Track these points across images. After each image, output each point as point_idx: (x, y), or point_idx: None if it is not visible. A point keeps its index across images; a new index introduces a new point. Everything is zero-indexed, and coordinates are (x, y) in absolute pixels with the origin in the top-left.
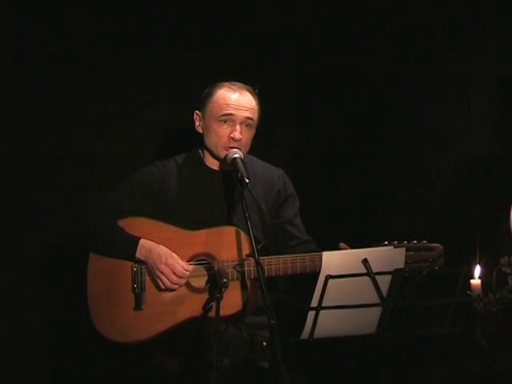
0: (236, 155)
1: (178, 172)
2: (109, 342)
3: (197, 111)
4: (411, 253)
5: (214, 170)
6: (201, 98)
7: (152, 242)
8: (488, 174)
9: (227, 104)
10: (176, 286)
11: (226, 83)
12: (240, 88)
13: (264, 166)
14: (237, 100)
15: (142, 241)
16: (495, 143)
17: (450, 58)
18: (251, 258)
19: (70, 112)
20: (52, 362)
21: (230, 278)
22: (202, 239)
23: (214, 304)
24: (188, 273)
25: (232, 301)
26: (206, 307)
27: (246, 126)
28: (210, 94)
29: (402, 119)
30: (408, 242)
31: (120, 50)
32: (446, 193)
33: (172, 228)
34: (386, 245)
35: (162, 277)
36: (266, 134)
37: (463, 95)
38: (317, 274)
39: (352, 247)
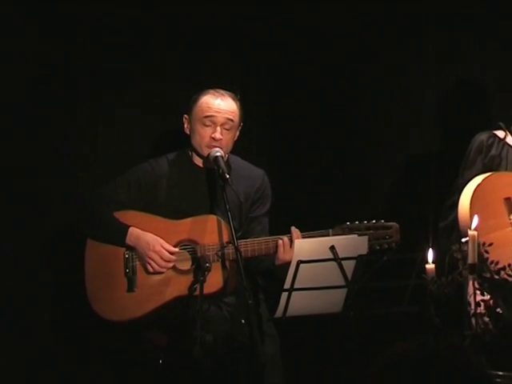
0: (217, 154)
1: (169, 168)
2: (105, 321)
3: (185, 115)
4: (371, 231)
5: (200, 168)
6: (189, 103)
7: (140, 231)
8: (439, 169)
9: (209, 108)
10: (164, 270)
11: (211, 90)
12: (222, 94)
13: (247, 166)
14: (218, 104)
15: (131, 229)
16: (444, 141)
17: (403, 62)
18: (230, 243)
19: (73, 112)
20: (53, 338)
21: (211, 260)
22: (186, 227)
23: (198, 285)
24: (174, 257)
25: (214, 280)
26: (191, 288)
27: (226, 127)
28: (195, 100)
29: (364, 119)
30: (367, 221)
31: (120, 54)
32: (403, 185)
33: (160, 219)
34: (348, 225)
35: (151, 262)
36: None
37: (415, 97)
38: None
39: (323, 228)
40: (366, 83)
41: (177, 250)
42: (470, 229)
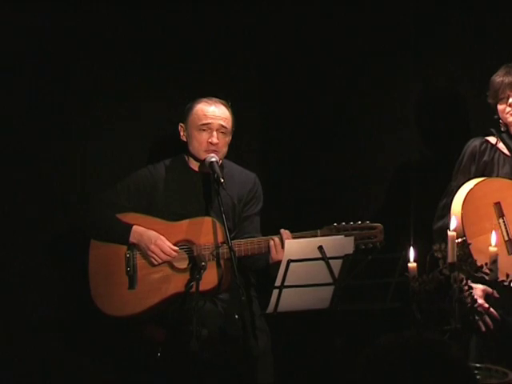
0: (213, 159)
1: (166, 173)
2: (107, 317)
3: (181, 124)
4: (357, 231)
5: (196, 172)
6: (183, 111)
7: (143, 228)
8: (421, 174)
9: (205, 115)
10: (166, 259)
11: (204, 99)
12: (215, 102)
13: (240, 170)
14: (213, 111)
15: (134, 227)
16: (426, 148)
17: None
18: (225, 243)
19: (81, 118)
20: (58, 335)
21: (207, 260)
22: (183, 228)
23: (194, 283)
24: (174, 252)
25: (209, 278)
26: (188, 285)
27: (222, 132)
28: (190, 108)
29: (352, 126)
30: (354, 222)
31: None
32: (387, 189)
33: (159, 220)
34: (335, 226)
35: (153, 255)
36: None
37: (398, 107)
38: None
39: (311, 228)
40: (355, 90)
41: (176, 248)
42: (450, 229)
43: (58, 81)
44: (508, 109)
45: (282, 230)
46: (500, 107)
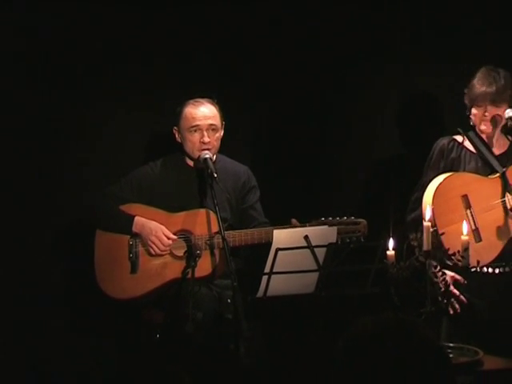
0: (206, 156)
1: (166, 169)
2: (111, 299)
3: (175, 127)
4: (342, 226)
5: (192, 168)
6: (175, 114)
7: (144, 219)
8: (399, 169)
9: (194, 118)
10: (163, 252)
11: (191, 101)
12: (202, 102)
13: (233, 164)
14: (201, 112)
15: (136, 218)
16: (403, 144)
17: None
18: (218, 233)
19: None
20: (65, 316)
21: (202, 249)
22: (181, 219)
23: (190, 270)
24: (171, 242)
25: (204, 266)
26: (184, 272)
27: (212, 130)
28: (180, 112)
29: (336, 124)
30: (340, 217)
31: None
32: (369, 184)
33: (160, 211)
34: (322, 221)
35: (153, 245)
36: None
37: (379, 107)
38: (268, 245)
39: (301, 222)
40: (340, 89)
41: (175, 237)
42: (425, 220)
43: (59, 78)
44: (482, 117)
45: (294, 220)
46: (474, 111)
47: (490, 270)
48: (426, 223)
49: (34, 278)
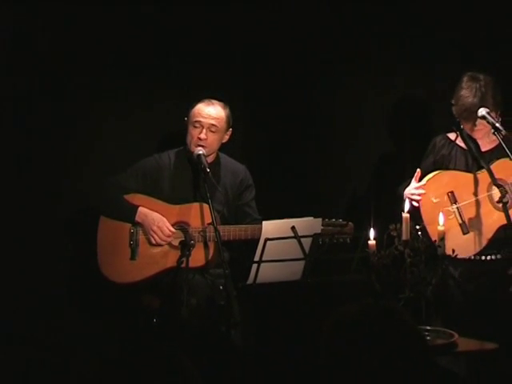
0: (200, 152)
1: (170, 162)
2: (111, 283)
3: (186, 118)
4: (331, 228)
5: (191, 162)
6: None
7: (147, 210)
8: (383, 167)
9: (199, 113)
10: (163, 242)
11: (206, 99)
12: (212, 103)
13: (232, 162)
14: (208, 111)
15: (140, 208)
16: (390, 143)
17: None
18: (211, 225)
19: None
20: (68, 296)
21: (196, 240)
22: (180, 211)
23: (184, 259)
24: (172, 234)
25: (198, 257)
26: (179, 261)
27: (211, 131)
28: (192, 107)
29: (326, 124)
30: (328, 219)
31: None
32: (355, 183)
33: (161, 202)
34: None
35: (154, 235)
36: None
37: (367, 109)
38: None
39: None
40: (330, 92)
41: (174, 230)
42: (404, 211)
43: (65, 72)
44: (472, 128)
45: None
46: (463, 123)
47: (483, 257)
48: (405, 215)
49: (39, 259)
